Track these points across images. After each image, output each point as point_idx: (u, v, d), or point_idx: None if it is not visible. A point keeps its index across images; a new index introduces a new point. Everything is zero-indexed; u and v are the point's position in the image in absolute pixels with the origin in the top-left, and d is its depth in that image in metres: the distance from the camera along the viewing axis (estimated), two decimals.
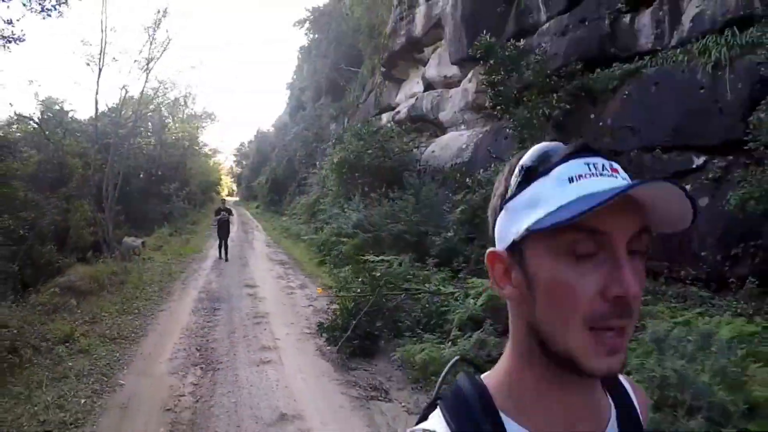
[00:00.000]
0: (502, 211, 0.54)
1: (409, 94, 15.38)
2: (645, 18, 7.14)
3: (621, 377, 0.62)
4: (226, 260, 11.70)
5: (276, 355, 5.17)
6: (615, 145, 7.03)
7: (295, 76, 31.38)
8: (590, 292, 0.47)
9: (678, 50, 6.31)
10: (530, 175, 0.51)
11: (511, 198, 0.52)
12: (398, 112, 15.49)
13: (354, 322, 5.14)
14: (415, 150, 12.81)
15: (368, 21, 18.04)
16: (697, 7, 6.36)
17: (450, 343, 4.44)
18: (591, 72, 7.46)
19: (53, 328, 5.76)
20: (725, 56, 5.44)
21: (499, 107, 8.47)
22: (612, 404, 0.58)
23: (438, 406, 0.56)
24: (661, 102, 6.31)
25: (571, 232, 0.47)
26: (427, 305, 5.59)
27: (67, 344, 5.36)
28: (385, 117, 16.47)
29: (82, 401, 4.10)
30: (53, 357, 5.07)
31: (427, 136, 13.89)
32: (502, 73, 8.06)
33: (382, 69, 16.43)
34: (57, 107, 17.58)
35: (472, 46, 9.02)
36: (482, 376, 0.58)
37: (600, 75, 7.28)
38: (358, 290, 5.70)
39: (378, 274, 5.79)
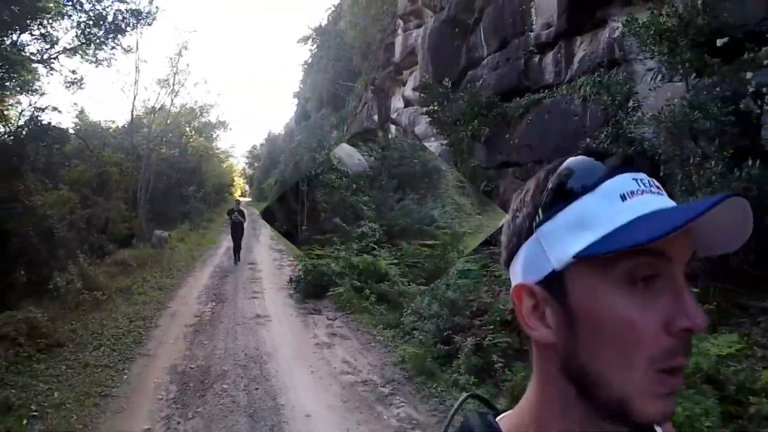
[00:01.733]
0: (532, 237, 0.48)
1: (393, 109, 18.76)
2: (549, 58, 9.77)
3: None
4: (239, 260, 12.35)
5: (261, 295, 8.82)
6: (518, 158, 10.07)
7: (301, 86, 35.21)
8: (655, 326, 0.44)
9: (565, 86, 8.84)
10: (566, 193, 0.47)
11: (545, 220, 0.47)
12: None
13: (309, 277, 8.64)
14: None
15: (362, 41, 21.42)
16: (583, 51, 8.94)
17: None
18: (509, 101, 10.21)
19: (119, 283, 9.41)
20: (590, 92, 7.68)
21: (437, 130, 11.73)
22: None
23: None
24: (551, 126, 8.84)
25: (635, 257, 0.44)
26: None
27: (131, 288, 9.02)
28: None
29: (148, 312, 7.71)
30: (123, 295, 8.69)
31: None
32: (436, 105, 11.31)
33: (371, 87, 19.83)
34: (91, 120, 21.46)
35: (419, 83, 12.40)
36: (498, 417, 0.54)
37: (514, 104, 10.01)
38: (314, 258, 9.20)
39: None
